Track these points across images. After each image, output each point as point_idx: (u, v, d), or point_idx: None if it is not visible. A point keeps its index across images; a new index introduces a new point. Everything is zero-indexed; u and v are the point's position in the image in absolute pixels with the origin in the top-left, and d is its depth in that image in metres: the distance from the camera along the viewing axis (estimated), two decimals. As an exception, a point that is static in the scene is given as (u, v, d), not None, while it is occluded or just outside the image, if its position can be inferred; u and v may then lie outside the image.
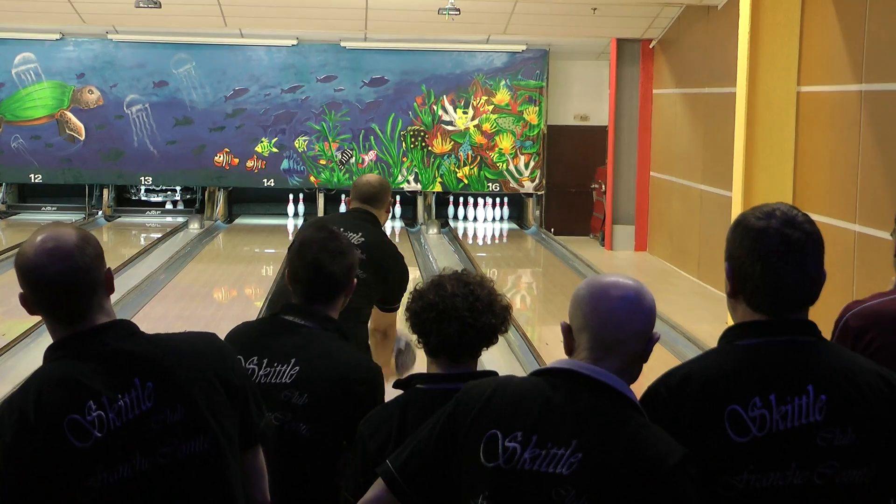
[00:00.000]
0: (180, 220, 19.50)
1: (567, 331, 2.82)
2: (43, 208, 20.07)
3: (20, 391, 2.75)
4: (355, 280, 3.85)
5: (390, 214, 5.96)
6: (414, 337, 3.34)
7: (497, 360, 9.78)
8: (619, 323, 2.72)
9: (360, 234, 5.57)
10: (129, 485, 2.69)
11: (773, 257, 2.65)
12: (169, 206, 20.20)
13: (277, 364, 3.63)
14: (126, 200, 20.12)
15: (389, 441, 3.17)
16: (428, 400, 3.16)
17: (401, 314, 3.40)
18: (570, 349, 2.82)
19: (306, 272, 3.75)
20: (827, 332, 3.50)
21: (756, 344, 2.66)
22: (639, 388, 2.81)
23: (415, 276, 14.57)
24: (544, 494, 2.60)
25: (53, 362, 2.77)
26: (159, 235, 17.74)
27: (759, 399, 2.58)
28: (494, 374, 3.15)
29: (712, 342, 3.67)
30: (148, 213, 19.89)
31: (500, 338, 3.43)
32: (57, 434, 2.65)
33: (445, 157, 19.26)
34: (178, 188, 20.02)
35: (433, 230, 18.95)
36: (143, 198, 20.08)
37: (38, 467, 2.65)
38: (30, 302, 2.82)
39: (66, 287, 2.75)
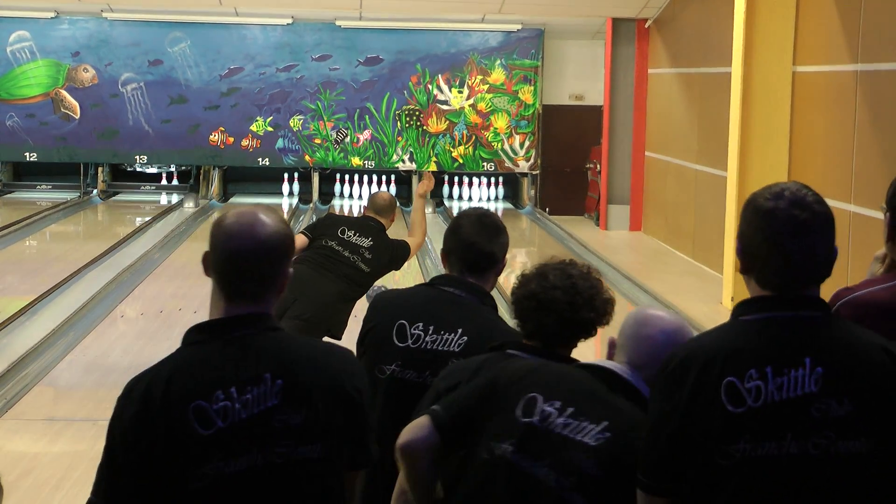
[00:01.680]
0: (175, 198, 19.50)
1: (611, 345, 3.18)
2: (38, 187, 20.05)
3: (153, 369, 2.80)
4: (506, 259, 3.98)
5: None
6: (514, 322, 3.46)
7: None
8: (654, 353, 3.05)
9: (369, 238, 7.22)
10: (241, 478, 2.72)
11: (781, 238, 2.69)
12: (164, 181, 20.19)
13: (445, 332, 3.76)
14: (122, 173, 20.11)
15: (459, 385, 3.30)
16: (507, 362, 3.28)
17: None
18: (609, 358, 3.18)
19: (461, 248, 3.88)
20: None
21: (760, 319, 2.71)
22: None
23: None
24: None
25: (191, 346, 2.82)
26: (154, 215, 17.73)
27: (756, 371, 2.63)
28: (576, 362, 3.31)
29: (707, 321, 3.68)
30: (143, 188, 19.89)
31: None
32: (182, 418, 2.69)
33: (440, 137, 19.25)
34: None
35: (428, 210, 18.93)
36: (139, 169, 20.06)
37: (156, 447, 2.69)
38: (208, 262, 2.87)
39: (241, 263, 2.81)
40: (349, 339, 9.04)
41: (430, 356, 3.68)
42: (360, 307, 7.78)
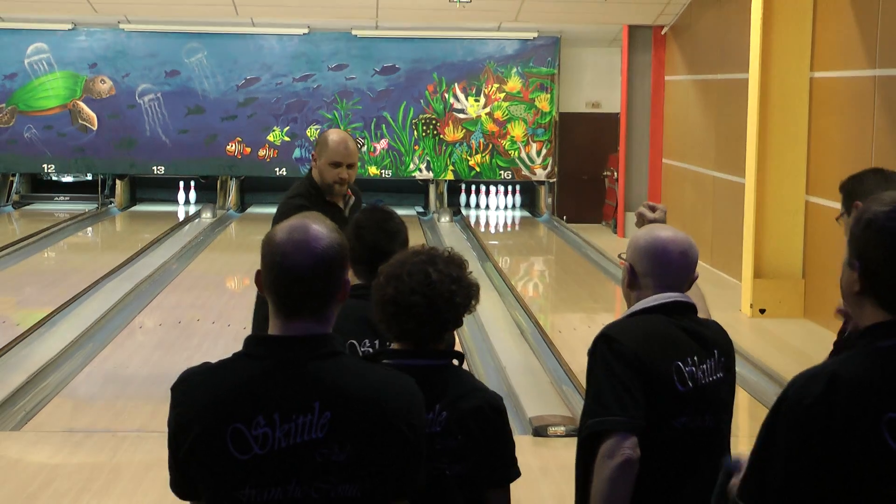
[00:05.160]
0: (194, 209, 19.54)
1: (632, 273, 3.52)
2: (56, 198, 20.12)
3: (203, 372, 2.74)
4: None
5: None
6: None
7: (510, 348, 9.77)
8: (679, 272, 3.51)
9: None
10: None
11: None
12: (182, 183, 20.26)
13: (367, 341, 3.80)
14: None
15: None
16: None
17: None
18: (633, 285, 3.53)
19: (367, 254, 3.89)
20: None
21: None
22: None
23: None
24: None
25: (245, 358, 2.74)
26: (172, 225, 17.77)
27: None
28: (459, 355, 3.31)
29: (726, 328, 3.65)
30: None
31: (513, 325, 3.52)
32: (219, 437, 2.64)
33: (457, 145, 19.25)
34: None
35: (445, 218, 18.94)
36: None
37: (193, 454, 2.67)
38: (262, 281, 2.78)
39: (298, 282, 2.72)
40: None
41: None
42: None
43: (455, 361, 3.31)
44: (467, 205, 20.00)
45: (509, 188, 20.12)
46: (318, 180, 5.99)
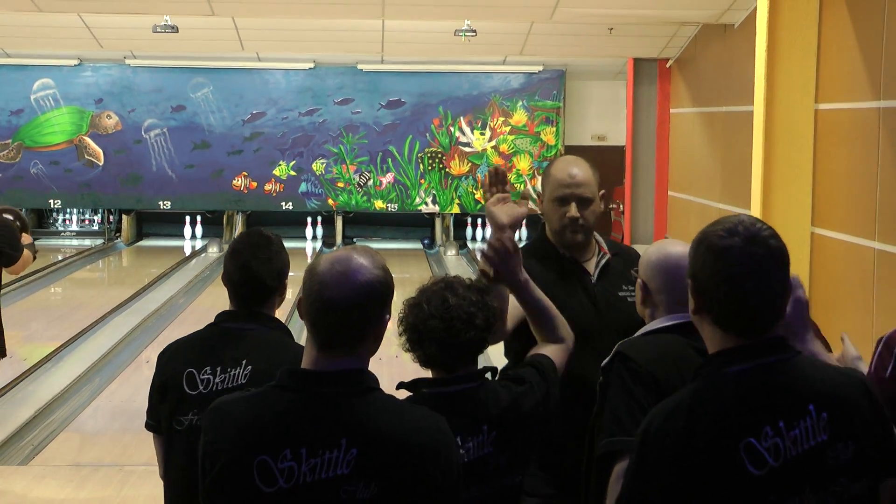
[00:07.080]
0: (200, 243, 19.57)
1: (645, 290, 3.44)
2: (62, 233, 20.14)
3: (235, 402, 2.73)
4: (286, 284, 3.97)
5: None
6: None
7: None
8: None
9: None
10: None
11: (739, 278, 2.59)
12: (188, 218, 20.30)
13: (230, 369, 3.78)
14: (148, 216, 20.25)
15: None
16: (433, 403, 3.15)
17: None
18: (646, 302, 3.47)
19: (236, 275, 3.97)
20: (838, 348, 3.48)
21: (748, 368, 2.56)
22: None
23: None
24: None
25: (276, 391, 2.69)
26: (179, 260, 17.78)
27: (770, 427, 2.49)
28: (493, 369, 3.37)
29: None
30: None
31: None
32: (245, 469, 2.60)
33: (463, 179, 19.28)
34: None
35: (451, 252, 18.95)
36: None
37: (220, 479, 2.64)
38: (302, 308, 2.74)
39: (335, 314, 2.67)
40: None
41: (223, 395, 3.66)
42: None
43: (489, 376, 3.36)
44: (473, 238, 20.02)
45: (515, 221, 20.12)
46: (550, 231, 4.50)
